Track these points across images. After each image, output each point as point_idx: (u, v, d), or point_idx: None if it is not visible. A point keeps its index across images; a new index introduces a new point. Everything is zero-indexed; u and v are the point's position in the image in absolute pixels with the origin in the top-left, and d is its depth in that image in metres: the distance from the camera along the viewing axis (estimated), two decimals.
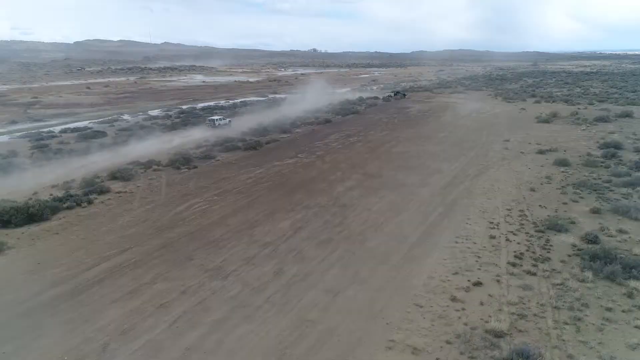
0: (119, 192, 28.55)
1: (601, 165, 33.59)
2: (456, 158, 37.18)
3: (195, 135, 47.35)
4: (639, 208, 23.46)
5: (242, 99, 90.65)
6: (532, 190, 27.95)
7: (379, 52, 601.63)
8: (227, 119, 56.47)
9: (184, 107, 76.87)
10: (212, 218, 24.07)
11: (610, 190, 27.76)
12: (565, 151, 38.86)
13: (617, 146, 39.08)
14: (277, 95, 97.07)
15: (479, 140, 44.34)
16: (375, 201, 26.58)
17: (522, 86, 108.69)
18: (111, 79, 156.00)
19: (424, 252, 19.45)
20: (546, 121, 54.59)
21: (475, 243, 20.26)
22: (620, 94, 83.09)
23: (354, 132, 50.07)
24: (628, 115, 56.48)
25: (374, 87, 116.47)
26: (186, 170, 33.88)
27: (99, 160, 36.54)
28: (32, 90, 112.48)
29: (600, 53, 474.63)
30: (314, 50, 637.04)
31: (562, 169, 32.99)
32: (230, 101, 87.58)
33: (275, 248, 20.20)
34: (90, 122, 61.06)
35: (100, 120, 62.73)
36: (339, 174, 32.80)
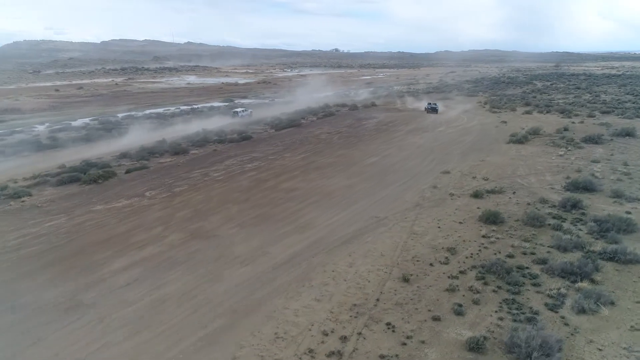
0: None
1: (548, 225, 22.38)
2: (353, 202, 26.56)
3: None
4: (560, 340, 12.63)
5: (202, 105, 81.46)
6: (405, 280, 17.20)
7: (402, 52, 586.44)
8: (249, 110, 63.56)
9: (121, 115, 68.01)
10: None
11: (534, 284, 16.78)
12: (514, 193, 27.73)
13: (589, 187, 27.62)
14: (243, 100, 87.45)
15: (412, 171, 33.48)
16: (133, 298, 16.41)
17: (525, 91, 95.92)
18: (97, 80, 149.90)
19: None
20: (520, 141, 43.02)
21: None
22: (633, 102, 69.88)
23: (265, 154, 39.78)
24: (629, 134, 44.26)
25: (360, 91, 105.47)
26: None
27: None
28: None
29: (634, 54, 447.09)
30: (336, 50, 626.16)
31: (487, 229, 21.99)
32: (188, 107, 78.38)
33: None
34: None
35: None
36: (157, 230, 22.71)
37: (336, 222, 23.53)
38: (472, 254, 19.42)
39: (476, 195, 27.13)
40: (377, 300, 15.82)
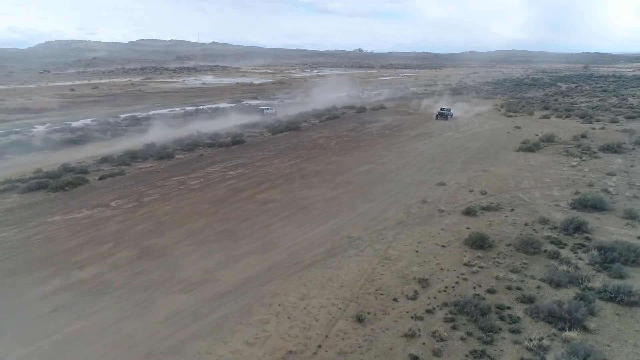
0: None
1: (544, 252, 19.42)
2: (330, 217, 24.12)
3: None
4: None
5: (209, 106, 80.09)
6: (359, 320, 14.66)
7: (426, 53, 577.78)
8: (274, 110, 66.61)
9: (124, 115, 67.09)
10: None
11: (513, 331, 14.01)
12: (512, 210, 24.77)
13: (598, 206, 24.40)
14: (251, 102, 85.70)
15: (405, 181, 30.75)
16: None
17: (546, 94, 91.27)
18: (115, 80, 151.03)
19: None
20: (530, 149, 39.63)
21: None
22: None
23: (252, 160, 37.61)
24: None
25: (374, 92, 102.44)
26: None
27: None
28: (14, 92, 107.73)
29: None
30: (360, 50, 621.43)
31: (472, 255, 19.20)
32: (193, 108, 77.08)
33: None
34: None
35: None
36: (107, 247, 20.75)
37: (304, 242, 21.11)
38: (447, 287, 16.70)
39: (468, 212, 24.26)
40: (319, 347, 13.33)
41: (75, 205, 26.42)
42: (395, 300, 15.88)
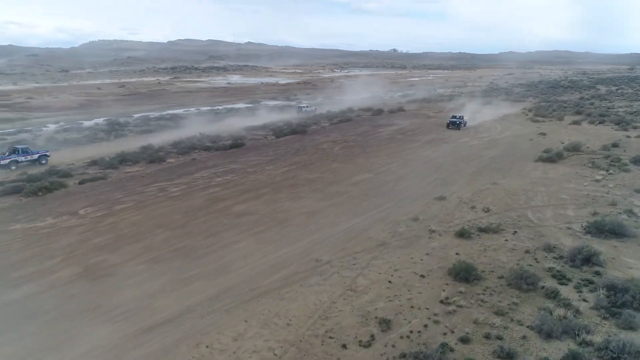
0: None
1: (541, 289, 16.33)
2: (305, 235, 21.71)
3: None
4: None
5: (226, 106, 79.03)
6: None
7: (462, 53, 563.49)
8: (313, 107, 67.74)
9: (137, 115, 66.72)
10: None
11: None
12: (515, 233, 21.70)
13: (617, 231, 20.91)
14: (269, 102, 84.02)
15: (401, 194, 27.99)
16: None
17: (582, 97, 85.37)
18: (144, 79, 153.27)
19: None
20: (551, 159, 35.87)
21: None
22: None
23: (245, 165, 35.61)
24: None
25: (398, 94, 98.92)
26: None
27: None
28: (44, 90, 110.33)
29: None
30: (394, 50, 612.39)
31: (453, 290, 16.36)
32: (208, 108, 76.17)
33: None
34: None
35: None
36: (53, 262, 19.04)
37: (266, 264, 18.77)
38: (412, 331, 13.97)
39: (462, 234, 21.28)
40: None
41: (42, 213, 25.02)
42: (344, 347, 13.30)
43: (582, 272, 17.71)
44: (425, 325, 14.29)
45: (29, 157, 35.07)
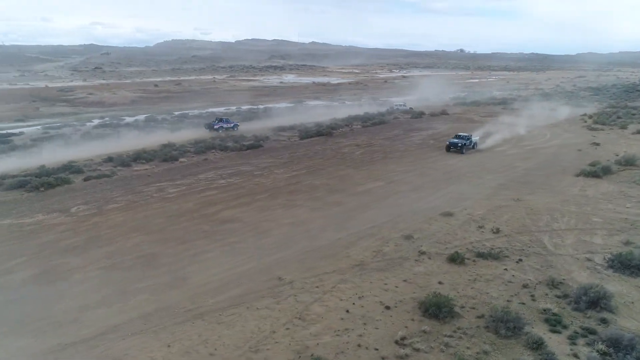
0: None
1: (523, 336, 13.48)
2: (280, 249, 20.01)
3: None
4: None
5: (266, 105, 78.92)
6: None
7: (535, 54, 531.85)
8: (409, 107, 68.04)
9: (177, 112, 68.07)
10: None
11: None
12: (519, 262, 18.65)
13: None
14: (312, 102, 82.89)
15: (405, 207, 25.55)
16: None
17: None
18: (201, 77, 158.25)
19: None
20: (595, 174, 31.47)
21: None
22: None
23: (255, 168, 34.51)
24: None
25: (449, 96, 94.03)
26: None
27: None
28: (107, 86, 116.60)
29: None
30: (461, 50, 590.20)
31: (416, 328, 13.99)
32: (249, 107, 76.40)
33: None
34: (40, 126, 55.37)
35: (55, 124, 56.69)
36: (12, 264, 18.71)
37: (223, 279, 17.28)
38: None
39: (454, 258, 18.55)
40: None
41: (35, 209, 25.18)
42: None
43: (585, 317, 14.57)
44: None
45: (229, 125, 50.88)
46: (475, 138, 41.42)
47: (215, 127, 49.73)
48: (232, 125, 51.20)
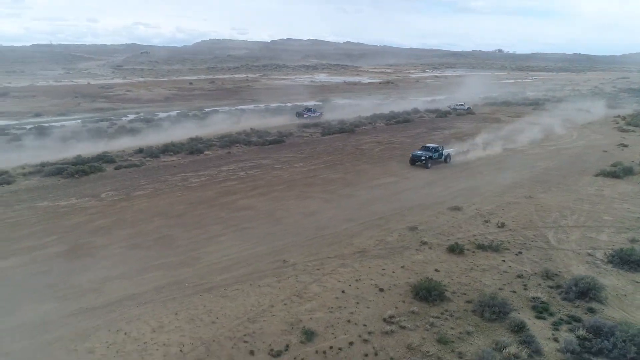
0: None
1: (508, 320, 14.12)
2: (290, 234, 21.19)
3: None
4: None
5: (293, 104, 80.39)
6: None
7: (578, 54, 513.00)
8: (467, 106, 68.97)
9: (208, 109, 70.43)
10: None
11: None
12: (518, 254, 19.17)
13: None
14: (340, 101, 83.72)
15: (415, 201, 26.27)
16: None
17: None
18: (235, 76, 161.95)
19: None
20: (615, 174, 31.16)
21: None
22: None
23: (275, 162, 35.85)
24: None
25: (480, 96, 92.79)
26: None
27: None
28: (145, 84, 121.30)
29: None
30: (499, 51, 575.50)
31: (405, 308, 14.84)
32: (282, 104, 78.13)
33: None
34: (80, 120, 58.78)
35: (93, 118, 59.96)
36: (45, 241, 20.65)
37: (232, 260, 18.61)
38: (331, 347, 12.88)
39: (454, 249, 19.20)
40: None
41: (70, 193, 27.32)
42: (251, 353, 12.63)
43: (573, 306, 15.02)
44: (351, 343, 13.06)
45: (315, 114, 58.76)
46: (448, 150, 36.08)
47: (305, 115, 57.79)
48: (318, 114, 59.14)
